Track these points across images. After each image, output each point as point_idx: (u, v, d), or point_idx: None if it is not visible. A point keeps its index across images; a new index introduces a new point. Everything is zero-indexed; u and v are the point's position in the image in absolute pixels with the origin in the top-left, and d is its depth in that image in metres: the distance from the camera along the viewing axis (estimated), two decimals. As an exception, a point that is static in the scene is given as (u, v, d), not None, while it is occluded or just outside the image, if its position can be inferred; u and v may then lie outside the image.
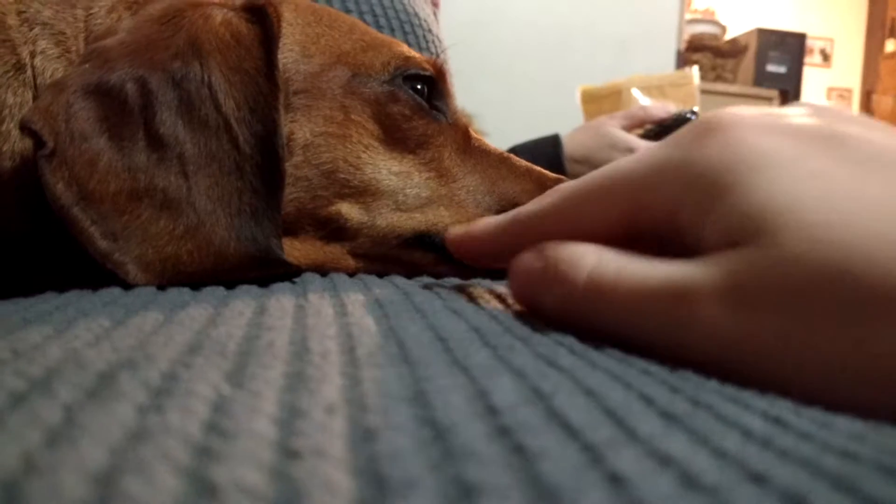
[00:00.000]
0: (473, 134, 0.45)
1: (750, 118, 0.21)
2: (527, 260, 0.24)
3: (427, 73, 0.42)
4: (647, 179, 0.22)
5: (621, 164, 0.23)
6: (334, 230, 0.39)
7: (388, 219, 0.39)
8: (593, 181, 0.24)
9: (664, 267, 0.20)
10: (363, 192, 0.39)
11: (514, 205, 0.39)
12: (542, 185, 0.44)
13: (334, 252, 0.39)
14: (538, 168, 0.45)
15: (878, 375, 0.16)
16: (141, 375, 0.16)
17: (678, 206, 0.21)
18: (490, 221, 0.29)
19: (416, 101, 0.41)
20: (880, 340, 0.16)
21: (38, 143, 0.30)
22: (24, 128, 0.31)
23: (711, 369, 0.19)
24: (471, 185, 0.42)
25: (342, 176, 0.38)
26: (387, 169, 0.39)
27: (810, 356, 0.17)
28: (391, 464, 0.12)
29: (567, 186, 0.25)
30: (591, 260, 0.22)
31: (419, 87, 0.42)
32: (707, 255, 0.19)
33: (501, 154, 0.45)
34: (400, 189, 0.40)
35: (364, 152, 0.39)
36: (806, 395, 0.17)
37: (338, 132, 0.38)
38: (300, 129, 0.38)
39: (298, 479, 0.11)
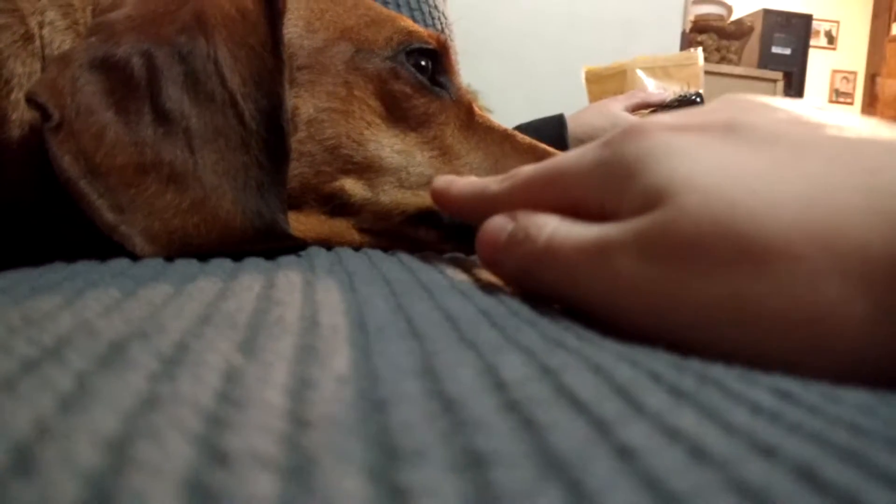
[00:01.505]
0: (477, 110, 0.45)
1: (664, 122, 0.24)
2: (498, 222, 0.28)
3: (430, 47, 0.42)
4: (582, 176, 0.26)
5: (568, 158, 0.27)
6: (338, 206, 0.39)
7: (392, 195, 0.39)
8: (546, 172, 0.28)
9: (596, 228, 0.23)
10: (366, 169, 0.39)
11: None
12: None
13: (339, 226, 0.39)
14: (542, 145, 0.46)
15: (748, 319, 0.19)
16: (152, 345, 0.16)
17: (605, 195, 0.24)
18: (465, 187, 0.32)
19: (418, 78, 0.41)
20: (753, 286, 0.19)
21: (45, 115, 0.30)
22: (31, 100, 0.31)
23: (626, 319, 0.22)
24: (474, 162, 0.43)
25: (345, 152, 0.38)
26: (389, 146, 0.40)
27: (697, 300, 0.20)
28: (402, 433, 0.12)
29: (526, 171, 0.29)
30: (553, 224, 0.25)
31: (423, 62, 0.41)
32: (626, 219, 0.22)
33: (505, 131, 0.45)
34: (402, 167, 0.40)
35: (367, 129, 0.39)
36: (694, 339, 0.20)
37: (341, 108, 0.38)
38: (304, 104, 0.38)
39: (310, 447, 0.11)
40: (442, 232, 0.40)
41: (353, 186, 0.39)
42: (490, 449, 0.11)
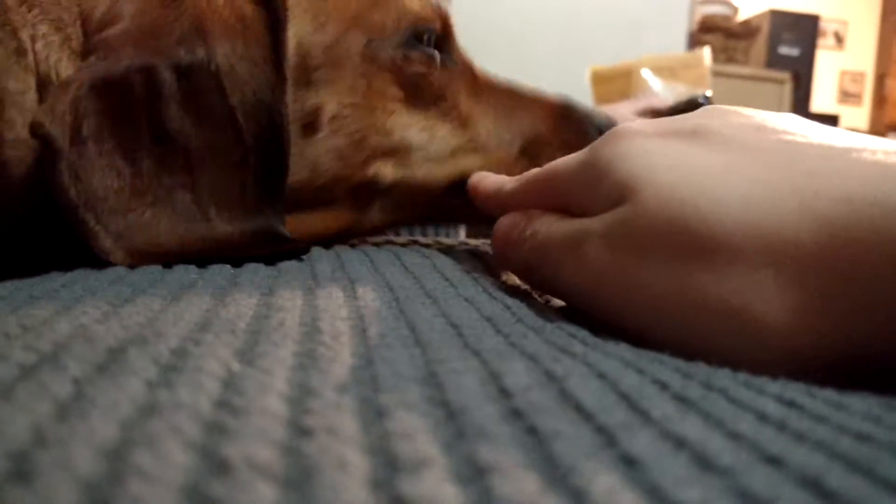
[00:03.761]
0: (478, 71, 0.46)
1: (640, 127, 0.25)
2: (510, 220, 0.30)
3: (436, 27, 0.43)
4: (570, 177, 0.27)
5: (562, 161, 0.28)
6: (370, 192, 0.40)
7: (426, 169, 0.41)
8: (544, 174, 0.30)
9: (577, 222, 0.25)
10: (396, 152, 0.40)
11: (534, 136, 0.45)
12: (551, 112, 0.46)
13: (362, 214, 0.40)
14: (541, 94, 0.47)
15: (691, 309, 0.20)
16: (150, 351, 0.16)
17: (584, 193, 0.26)
18: (489, 185, 0.35)
19: (429, 54, 0.42)
20: (697, 278, 0.20)
21: (48, 143, 0.30)
22: (35, 133, 0.30)
23: (597, 307, 0.24)
24: (489, 125, 0.44)
25: (373, 142, 0.39)
26: (415, 127, 0.41)
27: (651, 289, 0.22)
28: (403, 442, 0.12)
29: (531, 173, 0.31)
30: (549, 221, 0.27)
31: (427, 37, 0.42)
32: (598, 214, 0.24)
33: (507, 86, 0.46)
34: (427, 142, 0.41)
35: (390, 118, 0.40)
36: (647, 328, 0.22)
37: (363, 103, 0.39)
38: (327, 102, 0.38)
39: (310, 456, 0.11)
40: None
41: (385, 169, 0.40)
42: (493, 458, 0.11)
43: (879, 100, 4.80)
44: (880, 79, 4.79)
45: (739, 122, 0.24)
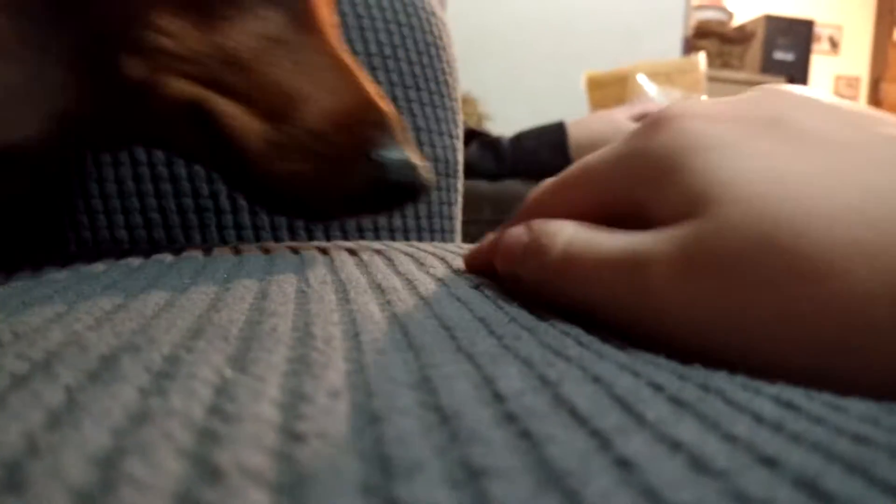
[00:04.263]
0: (332, 28, 0.38)
1: (698, 108, 0.22)
2: (514, 233, 0.26)
3: None
4: (610, 171, 0.24)
5: (592, 157, 0.25)
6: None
7: (169, 78, 0.34)
8: (569, 173, 0.26)
9: (622, 237, 0.22)
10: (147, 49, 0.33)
11: (308, 112, 0.34)
12: (350, 100, 0.36)
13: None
14: (365, 86, 0.36)
15: (792, 339, 0.18)
16: (143, 358, 0.16)
17: (636, 192, 0.22)
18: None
19: None
20: (798, 305, 0.17)
21: None
22: None
23: (662, 337, 0.20)
24: (273, 80, 0.35)
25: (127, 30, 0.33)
26: (172, 27, 0.34)
27: (739, 319, 0.18)
28: (397, 447, 0.12)
29: (549, 179, 0.28)
30: (569, 232, 0.24)
31: None
32: (661, 228, 0.21)
33: (341, 60, 0.37)
34: (184, 55, 0.34)
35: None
36: (736, 358, 0.18)
37: None
38: None
39: (303, 462, 0.11)
40: (210, 138, 0.34)
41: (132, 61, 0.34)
42: (487, 462, 0.11)
43: (875, 104, 4.81)
44: (875, 83, 4.81)
45: (825, 114, 0.21)
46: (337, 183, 0.34)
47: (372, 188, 0.34)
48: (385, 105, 0.36)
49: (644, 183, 0.22)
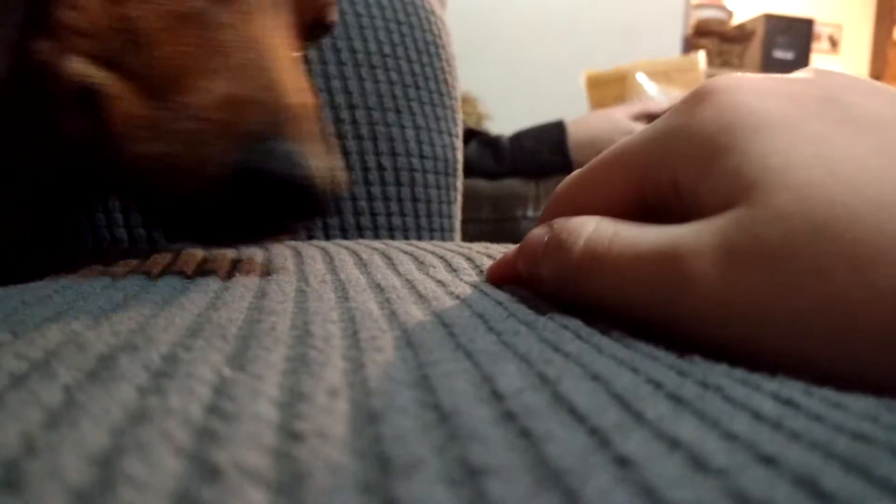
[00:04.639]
0: (267, 9, 0.34)
1: (749, 81, 0.21)
2: (535, 234, 0.25)
3: None
4: (648, 150, 0.22)
5: (625, 139, 0.24)
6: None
7: (69, 58, 0.31)
8: (600, 159, 0.25)
9: (657, 231, 0.20)
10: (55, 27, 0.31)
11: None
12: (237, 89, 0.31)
13: None
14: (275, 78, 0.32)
15: (844, 331, 0.17)
16: (141, 357, 0.16)
17: (678, 172, 0.21)
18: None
19: None
20: (851, 295, 0.17)
21: None
22: None
23: (702, 333, 0.19)
24: (170, 58, 0.31)
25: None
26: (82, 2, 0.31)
27: (788, 310, 0.17)
28: (395, 445, 0.12)
29: (576, 171, 0.26)
30: (590, 227, 0.22)
31: None
32: (701, 218, 0.19)
33: (259, 43, 0.33)
34: (87, 30, 0.31)
35: None
36: (785, 354, 0.18)
37: None
38: None
39: (301, 460, 0.11)
40: (96, 119, 0.31)
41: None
42: (486, 461, 0.11)
43: (874, 102, 4.80)
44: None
45: (878, 96, 0.20)
46: (205, 169, 0.29)
47: (245, 178, 0.29)
48: (298, 97, 0.32)
49: (686, 164, 0.21)
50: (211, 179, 0.29)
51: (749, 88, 0.21)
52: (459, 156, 0.70)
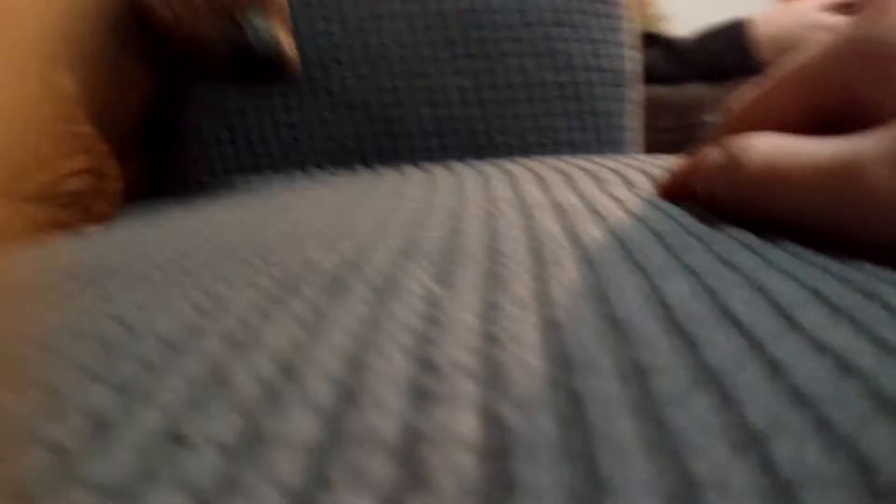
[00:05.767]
0: None
1: None
2: (710, 155, 0.25)
3: None
4: (827, 64, 0.22)
5: (802, 51, 0.23)
6: None
7: None
8: (775, 75, 0.24)
9: (837, 142, 0.20)
10: None
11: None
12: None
13: None
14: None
15: None
16: (365, 277, 0.19)
17: (860, 84, 0.20)
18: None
19: None
20: None
21: None
22: None
23: (879, 240, 0.19)
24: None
25: None
26: None
27: None
28: (576, 348, 0.14)
29: (750, 87, 0.25)
30: (768, 144, 0.22)
31: None
32: (881, 127, 0.19)
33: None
34: None
35: None
36: None
37: None
38: None
39: (500, 360, 0.14)
40: None
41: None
42: (651, 361, 0.13)
43: None
44: None
45: None
46: (202, 36, 0.41)
47: (231, 48, 0.40)
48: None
49: (868, 75, 0.20)
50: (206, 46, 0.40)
51: None
52: (630, 65, 0.69)
